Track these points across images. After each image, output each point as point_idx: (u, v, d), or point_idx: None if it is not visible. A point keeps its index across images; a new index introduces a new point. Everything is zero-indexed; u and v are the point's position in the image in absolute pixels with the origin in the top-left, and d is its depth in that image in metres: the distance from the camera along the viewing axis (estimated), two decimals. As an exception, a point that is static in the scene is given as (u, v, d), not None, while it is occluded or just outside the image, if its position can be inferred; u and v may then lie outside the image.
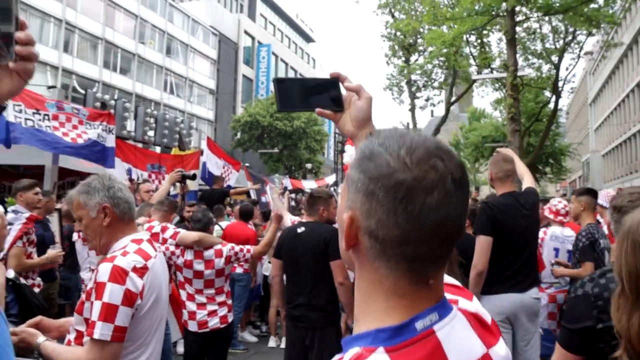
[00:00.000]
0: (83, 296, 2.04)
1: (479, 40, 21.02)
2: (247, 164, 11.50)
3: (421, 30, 21.76)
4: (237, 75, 45.07)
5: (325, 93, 1.25)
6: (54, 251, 4.68)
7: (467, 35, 18.57)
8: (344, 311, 4.27)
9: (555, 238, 4.87)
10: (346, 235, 0.80)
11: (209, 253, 3.95)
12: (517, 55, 23.59)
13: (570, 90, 27.37)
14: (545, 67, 23.74)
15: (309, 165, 35.04)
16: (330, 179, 17.62)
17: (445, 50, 17.11)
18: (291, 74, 52.48)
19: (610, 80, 42.44)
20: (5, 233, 3.08)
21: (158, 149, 10.44)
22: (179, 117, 37.63)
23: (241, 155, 35.89)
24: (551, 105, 23.88)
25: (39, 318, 2.15)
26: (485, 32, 19.25)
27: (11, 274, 3.19)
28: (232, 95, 44.12)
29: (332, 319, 3.84)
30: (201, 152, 9.66)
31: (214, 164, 9.94)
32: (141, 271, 2.00)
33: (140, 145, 9.42)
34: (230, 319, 4.09)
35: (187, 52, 39.83)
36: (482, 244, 3.48)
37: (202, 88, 41.58)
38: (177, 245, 3.94)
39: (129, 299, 1.94)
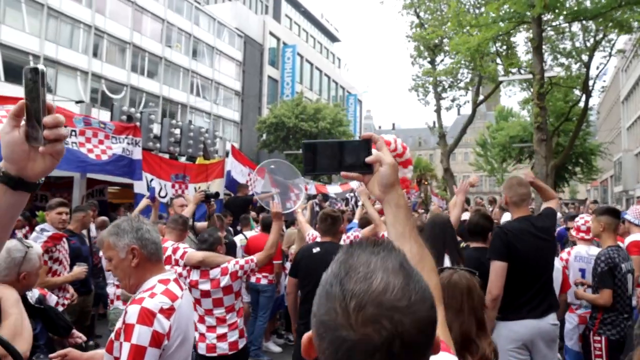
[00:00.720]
0: (112, 335, 2.09)
1: (504, 47, 20.67)
2: (272, 165, 11.37)
3: (446, 30, 21.49)
4: (263, 77, 45.31)
5: (355, 154, 1.26)
6: (80, 268, 4.82)
7: (493, 42, 18.23)
8: None
9: (580, 258, 4.74)
10: (304, 350, 0.83)
11: (214, 272, 3.91)
12: (546, 55, 23.15)
13: (601, 89, 26.63)
14: (575, 66, 23.24)
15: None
16: (355, 184, 17.47)
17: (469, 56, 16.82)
18: (316, 74, 52.51)
19: (643, 78, 41.17)
20: (40, 272, 3.19)
21: (183, 159, 10.54)
22: (206, 119, 38.21)
23: (267, 157, 36.05)
24: (581, 104, 23.33)
25: (67, 350, 2.22)
26: (511, 36, 18.86)
27: (36, 293, 3.23)
28: (258, 97, 44.38)
29: None
30: (226, 157, 9.68)
31: (239, 172, 9.98)
32: (168, 312, 2.05)
33: (166, 156, 9.54)
34: (241, 346, 4.00)
35: (213, 54, 40.23)
36: (497, 269, 3.44)
37: (228, 90, 41.95)
38: (184, 266, 3.94)
39: (157, 340, 1.99)
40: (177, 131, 9.71)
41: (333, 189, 15.80)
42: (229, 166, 9.65)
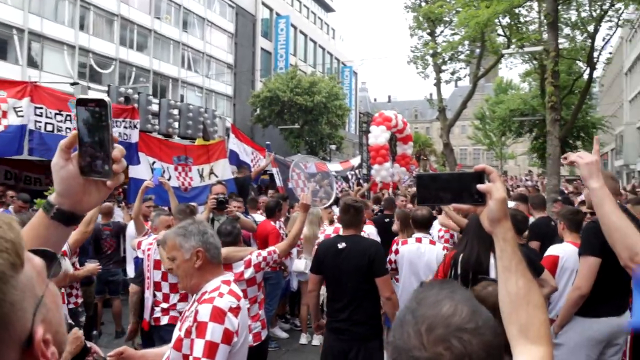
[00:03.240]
0: (181, 334, 2.17)
1: (514, 21, 19.83)
2: (271, 149, 11.12)
3: (453, 3, 20.50)
4: (256, 49, 44.11)
5: (468, 186, 1.27)
6: (92, 265, 4.70)
7: (503, 16, 17.37)
8: (388, 325, 4.30)
9: None
10: None
11: (238, 264, 3.83)
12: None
13: (606, 60, 25.87)
14: (579, 37, 22.46)
15: (332, 147, 34.27)
16: (356, 161, 16.84)
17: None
18: (310, 46, 51.34)
19: (647, 48, 40.24)
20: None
21: (177, 139, 10.06)
22: (198, 94, 37.29)
23: (261, 132, 35.32)
24: (585, 77, 22.65)
25: (122, 348, 2.20)
26: (523, 10, 18.00)
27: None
28: (251, 70, 43.27)
29: (376, 331, 3.89)
30: (226, 138, 9.37)
31: (244, 151, 9.72)
32: (236, 311, 2.18)
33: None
34: (263, 337, 3.96)
35: (204, 26, 38.95)
36: (591, 266, 3.35)
37: (220, 63, 40.79)
38: None
39: (228, 337, 2.10)
40: (176, 111, 9.20)
41: (334, 167, 15.23)
42: (234, 147, 9.30)
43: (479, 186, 1.25)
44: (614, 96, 51.76)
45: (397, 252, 4.63)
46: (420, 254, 4.51)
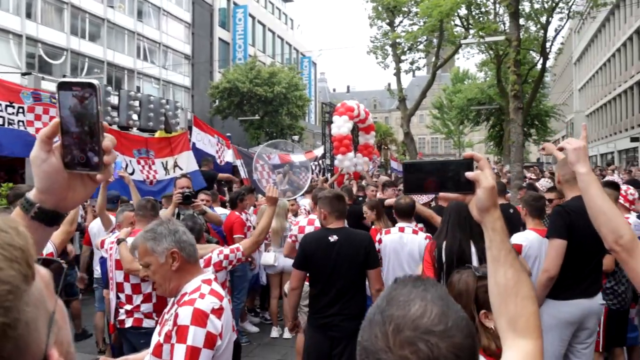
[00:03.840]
0: (160, 339, 2.06)
1: (475, 11, 20.21)
2: (230, 137, 10.96)
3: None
4: (213, 39, 43.31)
5: (456, 174, 1.24)
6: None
7: (465, 5, 17.67)
8: None
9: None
10: None
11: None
12: (505, 16, 22.82)
13: (557, 51, 26.78)
14: (533, 28, 23.11)
15: (295, 138, 34.13)
16: (319, 151, 16.79)
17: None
18: (269, 36, 50.85)
19: (595, 40, 41.82)
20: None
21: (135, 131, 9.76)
22: (155, 85, 36.35)
23: (220, 123, 34.79)
24: (538, 67, 23.35)
25: (123, 358, 2.18)
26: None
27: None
28: (209, 61, 42.49)
29: None
30: (189, 132, 9.13)
31: (208, 143, 9.48)
32: (219, 312, 2.06)
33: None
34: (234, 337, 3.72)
35: (160, 15, 37.91)
36: (557, 248, 3.42)
37: (177, 53, 39.87)
38: None
39: (210, 341, 1.99)
40: (136, 103, 8.85)
41: (297, 158, 15.12)
42: (194, 138, 9.07)
43: (467, 174, 1.21)
44: (564, 85, 53.58)
45: (380, 241, 4.61)
46: (403, 243, 4.51)
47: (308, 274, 3.92)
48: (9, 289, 0.57)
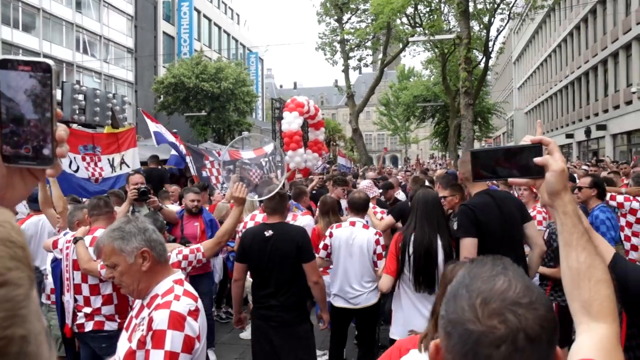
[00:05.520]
0: (131, 345, 1.94)
1: (428, 9, 20.60)
2: (177, 133, 10.82)
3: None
4: (157, 33, 42.05)
5: (526, 160, 1.24)
6: None
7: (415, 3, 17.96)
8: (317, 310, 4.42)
9: None
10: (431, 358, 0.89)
11: None
12: (450, 15, 23.40)
13: (499, 50, 27.73)
14: (476, 28, 23.83)
15: (245, 134, 33.69)
16: (269, 148, 16.64)
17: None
18: (215, 31, 49.94)
19: (533, 40, 43.61)
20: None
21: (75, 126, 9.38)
22: (96, 79, 34.93)
23: (166, 119, 33.85)
24: (481, 65, 24.08)
25: None
26: None
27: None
28: (153, 55, 41.24)
29: (304, 317, 3.96)
30: (136, 129, 8.84)
31: (166, 132, 9.34)
32: (195, 314, 1.97)
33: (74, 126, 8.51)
34: None
35: (100, 6, 36.42)
36: (469, 247, 3.38)
37: (119, 47, 38.46)
38: None
39: (189, 345, 1.90)
40: (81, 97, 8.36)
41: (247, 155, 14.90)
42: (153, 129, 9.09)
43: (537, 159, 1.22)
44: (504, 83, 55.58)
45: (331, 235, 4.63)
46: (353, 238, 4.53)
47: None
48: (24, 293, 0.49)
